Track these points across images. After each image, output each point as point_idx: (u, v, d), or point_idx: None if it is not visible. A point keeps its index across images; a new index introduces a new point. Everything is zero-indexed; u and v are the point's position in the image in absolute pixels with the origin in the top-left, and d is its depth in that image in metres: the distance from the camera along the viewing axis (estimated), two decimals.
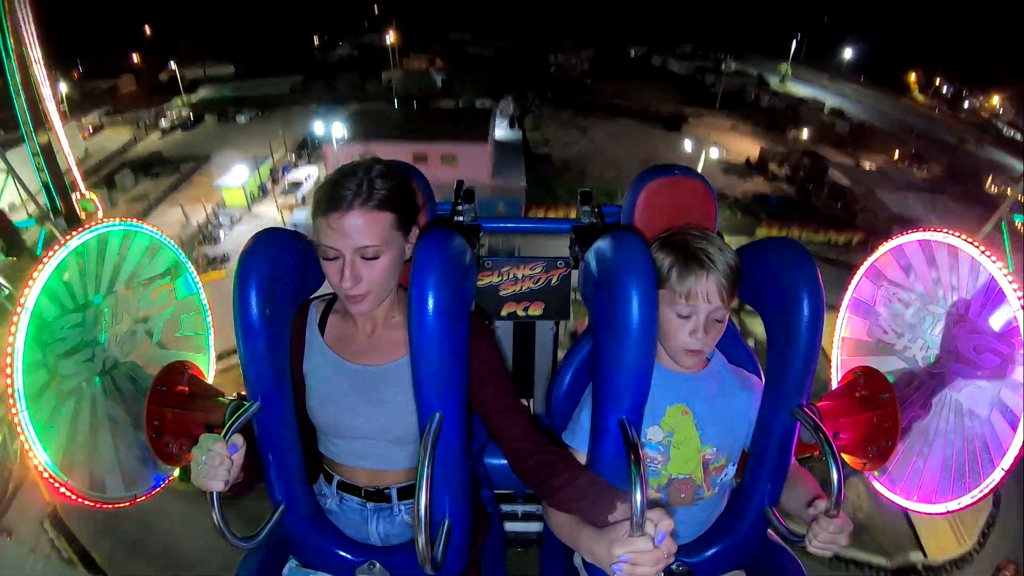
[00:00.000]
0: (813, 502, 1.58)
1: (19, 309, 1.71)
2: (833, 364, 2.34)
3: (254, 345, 1.56)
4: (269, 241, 1.62)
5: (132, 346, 2.02)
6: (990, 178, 33.42)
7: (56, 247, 1.80)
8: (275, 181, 30.38)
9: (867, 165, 34.60)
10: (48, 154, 15.74)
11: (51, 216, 15.05)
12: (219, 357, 2.39)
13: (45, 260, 1.77)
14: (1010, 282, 1.81)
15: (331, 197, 1.52)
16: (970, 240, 1.89)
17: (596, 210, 2.30)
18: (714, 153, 31.93)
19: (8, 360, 1.70)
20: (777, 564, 1.83)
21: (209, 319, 2.29)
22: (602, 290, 1.57)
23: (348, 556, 1.75)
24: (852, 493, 11.94)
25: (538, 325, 2.44)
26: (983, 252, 1.86)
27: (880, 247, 2.17)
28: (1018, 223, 13.67)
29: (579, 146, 37.98)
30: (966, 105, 48.97)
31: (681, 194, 1.95)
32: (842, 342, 2.32)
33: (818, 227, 26.05)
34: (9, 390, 1.69)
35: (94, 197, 16.58)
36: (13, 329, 1.70)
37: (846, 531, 1.50)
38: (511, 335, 2.45)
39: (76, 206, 15.79)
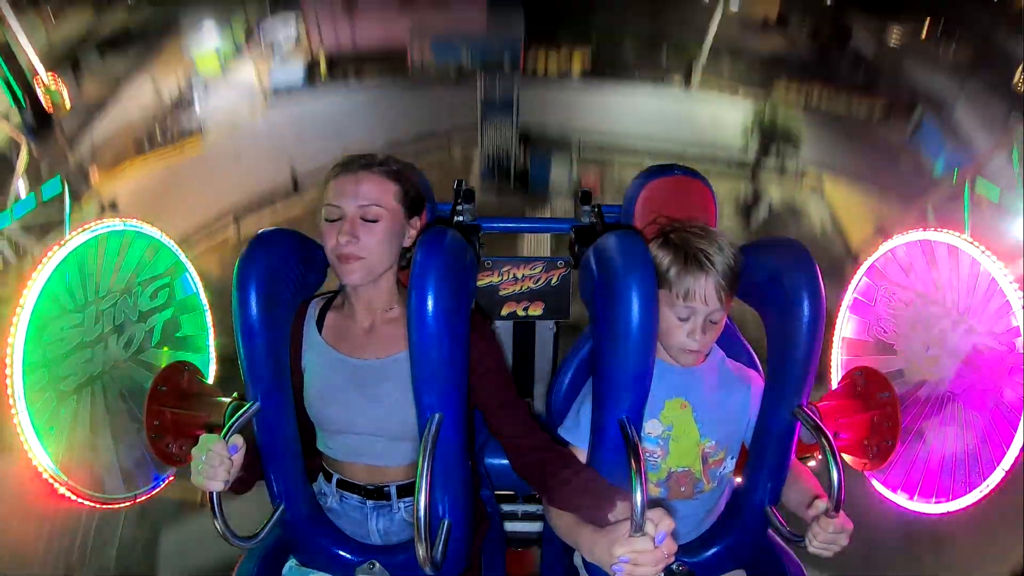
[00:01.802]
0: (813, 502, 1.58)
1: (19, 309, 1.71)
2: (833, 364, 2.33)
3: (254, 345, 1.57)
4: (269, 241, 1.63)
5: (132, 346, 2.02)
6: (1020, 70, 32.11)
7: (56, 246, 1.80)
8: (250, 38, 27.44)
9: (893, 39, 32.99)
10: (4, 47, 14.83)
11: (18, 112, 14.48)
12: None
13: (45, 260, 1.77)
14: (1010, 282, 1.81)
15: (343, 163, 1.64)
16: (970, 240, 1.89)
17: (596, 210, 2.31)
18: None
19: (8, 360, 1.70)
20: (777, 564, 1.83)
21: (209, 319, 2.29)
22: (602, 290, 1.57)
23: (348, 556, 1.75)
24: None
25: (538, 325, 2.44)
26: (983, 252, 1.86)
27: (880, 247, 2.16)
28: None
29: None
30: None
31: (681, 194, 1.95)
32: (842, 342, 2.32)
33: (840, 91, 24.61)
34: (9, 390, 1.69)
35: (57, 79, 15.93)
36: (13, 329, 1.70)
37: (846, 531, 1.50)
38: (511, 335, 2.46)
39: (41, 98, 15.19)
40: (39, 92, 15.35)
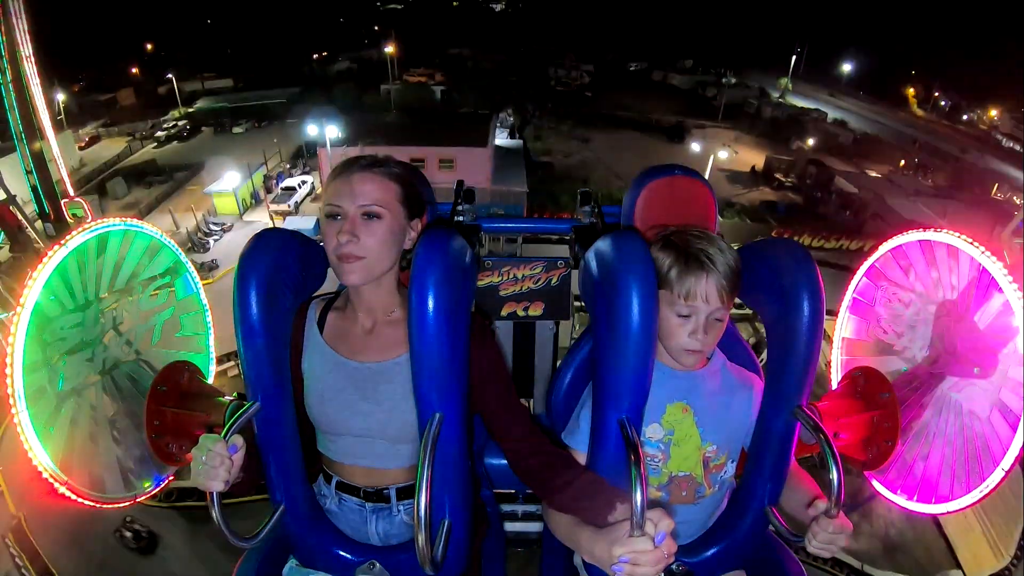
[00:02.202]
0: (813, 502, 1.57)
1: (19, 309, 1.71)
2: (833, 364, 2.34)
3: (254, 345, 1.57)
4: (269, 241, 1.62)
5: (132, 346, 2.02)
6: (995, 186, 33.76)
7: (56, 246, 1.80)
8: (268, 190, 29.86)
9: (872, 173, 34.73)
10: (39, 161, 16.03)
11: (40, 220, 15.19)
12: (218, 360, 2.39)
13: (46, 259, 1.77)
14: (1010, 282, 1.81)
15: (345, 163, 1.64)
16: (970, 240, 1.89)
17: (596, 210, 2.31)
18: (723, 155, 31.32)
19: (8, 360, 1.69)
20: (777, 564, 1.83)
21: (209, 319, 2.29)
22: (602, 290, 1.57)
23: (348, 556, 1.74)
24: (882, 508, 11.68)
25: (538, 325, 2.44)
26: (983, 252, 1.87)
27: (880, 247, 2.17)
28: None
29: (581, 155, 38.10)
30: (964, 118, 49.47)
31: (681, 194, 1.96)
32: (842, 342, 2.32)
33: (830, 234, 25.95)
34: (9, 390, 1.69)
35: (83, 202, 16.64)
36: (13, 329, 1.70)
37: (845, 531, 1.50)
38: (511, 335, 2.46)
39: (65, 212, 15.91)
40: (63, 207, 16.24)
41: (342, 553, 1.75)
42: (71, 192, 17.01)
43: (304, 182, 30.67)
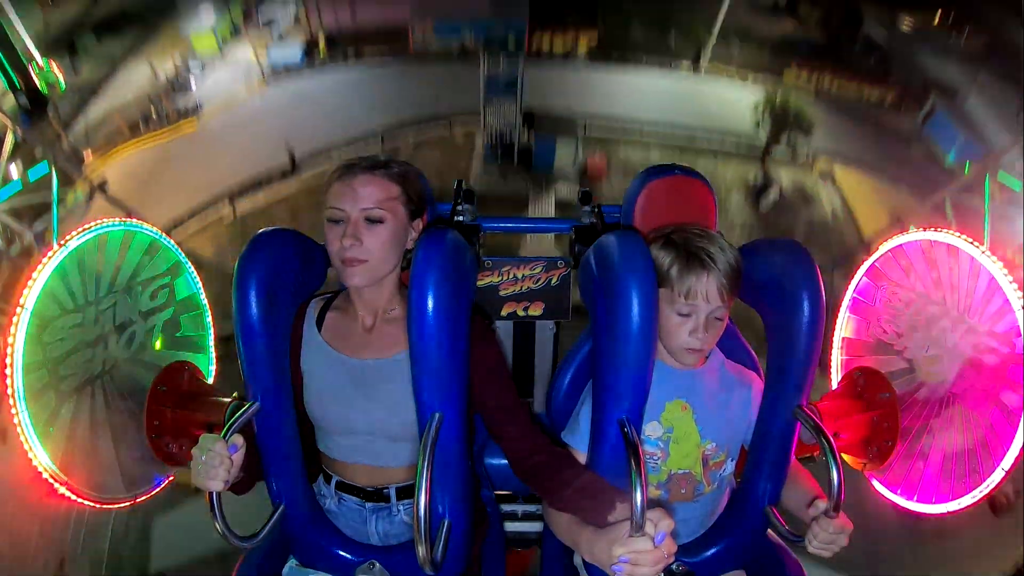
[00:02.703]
0: (813, 502, 1.58)
1: (19, 309, 1.71)
2: (833, 364, 2.33)
3: (254, 345, 1.57)
4: (269, 241, 1.63)
5: (132, 346, 2.03)
6: None
7: (57, 246, 1.80)
8: (248, 18, 26.18)
9: (905, 25, 32.58)
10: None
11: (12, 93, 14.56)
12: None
13: (45, 260, 1.77)
14: (1010, 282, 1.81)
15: (346, 165, 1.63)
16: (970, 240, 1.89)
17: (596, 210, 2.30)
18: None
19: (8, 360, 1.70)
20: (777, 564, 1.83)
21: (209, 319, 2.29)
22: (602, 290, 1.57)
23: (348, 556, 1.75)
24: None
25: (538, 325, 2.44)
26: (983, 252, 1.86)
27: (880, 247, 2.17)
28: None
29: None
30: None
31: (681, 194, 1.95)
32: (842, 342, 2.32)
33: (852, 77, 24.35)
34: (9, 390, 1.69)
35: (53, 67, 16.05)
36: (13, 329, 1.70)
37: (846, 531, 1.50)
38: (511, 335, 2.46)
39: (35, 80, 15.29)
40: (34, 76, 15.42)
41: (342, 553, 1.75)
42: (37, 56, 16.13)
43: (286, 15, 27.91)
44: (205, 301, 2.28)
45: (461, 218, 2.31)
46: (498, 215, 2.43)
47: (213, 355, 2.31)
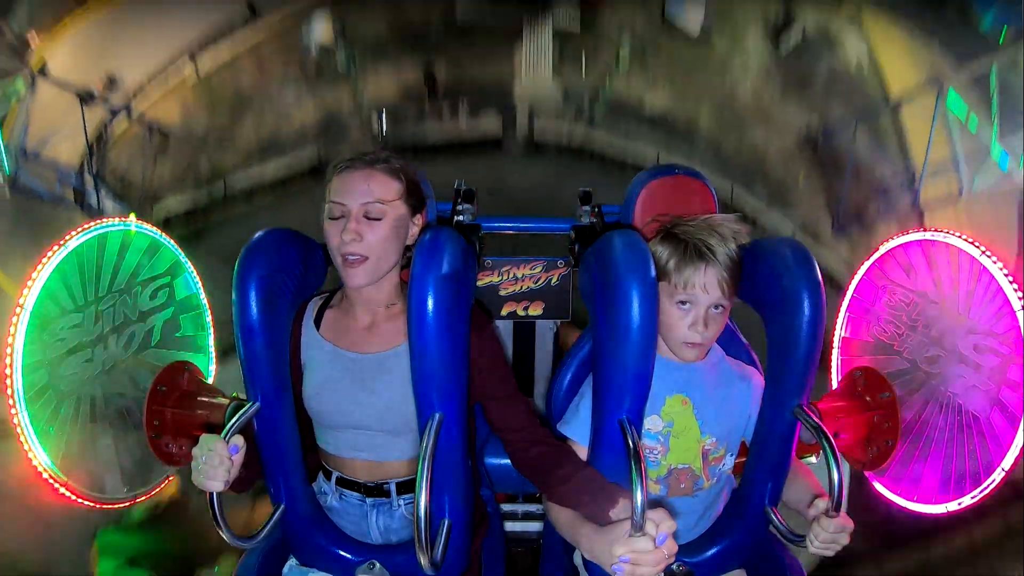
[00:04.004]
0: (814, 502, 1.58)
1: (19, 309, 1.71)
2: (833, 364, 2.34)
3: (254, 345, 1.57)
4: (269, 241, 1.63)
5: (132, 346, 2.03)
6: None
7: (56, 247, 1.80)
8: None
9: None
10: None
11: None
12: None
13: (45, 260, 1.77)
14: (1010, 282, 1.81)
15: (346, 160, 1.62)
16: (970, 240, 1.89)
17: (596, 210, 2.31)
18: None
19: (8, 360, 1.70)
20: (777, 564, 1.83)
21: (209, 319, 2.29)
22: (602, 290, 1.57)
23: (348, 555, 1.75)
24: None
25: (538, 325, 2.44)
26: (983, 252, 1.86)
27: (880, 247, 2.17)
28: None
29: None
30: None
31: (681, 194, 1.95)
32: (842, 342, 2.32)
33: None
34: (9, 390, 1.69)
35: None
36: (12, 329, 1.70)
37: (847, 531, 1.50)
38: (511, 335, 2.46)
39: None
40: None
41: (342, 553, 1.75)
42: None
43: None
44: (205, 301, 2.28)
45: (461, 218, 2.31)
46: (488, 47, 2.40)
47: (213, 355, 2.31)
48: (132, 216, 2.03)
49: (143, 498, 2.02)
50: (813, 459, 2.09)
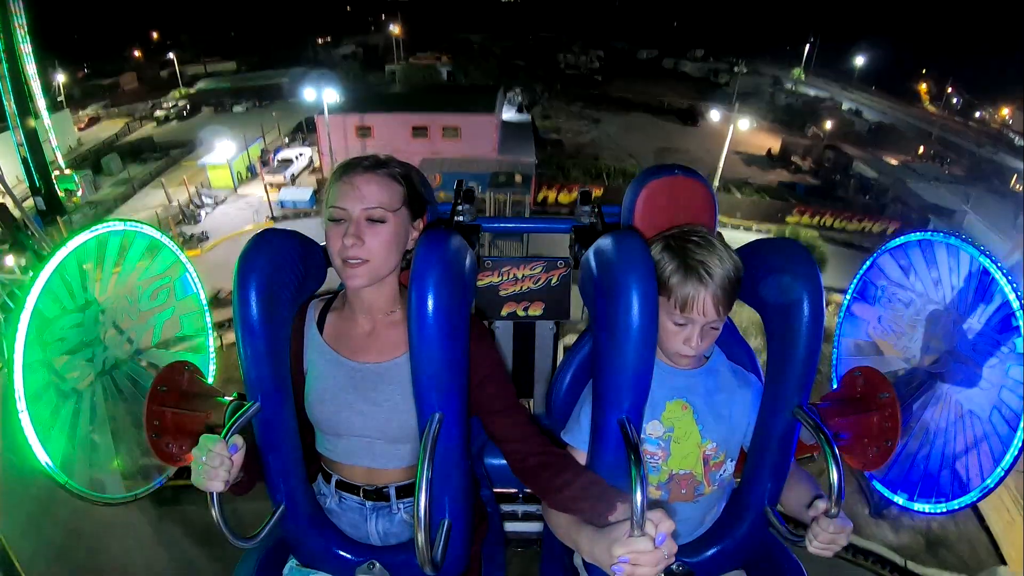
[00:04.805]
0: (813, 502, 1.58)
1: (19, 309, 1.71)
2: (833, 364, 2.33)
3: (254, 346, 1.57)
4: (269, 241, 1.62)
5: (132, 346, 2.03)
6: (1015, 177, 33.68)
7: (57, 247, 1.80)
8: (265, 163, 29.00)
9: (892, 161, 34.46)
10: (32, 137, 16.80)
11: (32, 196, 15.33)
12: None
13: (46, 260, 1.77)
14: (1010, 282, 1.81)
15: (347, 164, 1.62)
16: (969, 240, 1.89)
17: (596, 210, 2.30)
18: (743, 124, 29.44)
19: (8, 360, 1.70)
20: (777, 564, 1.83)
21: (208, 319, 2.30)
22: (602, 290, 1.57)
23: (348, 556, 1.76)
24: None
25: (538, 325, 2.44)
26: (983, 252, 1.86)
27: (880, 247, 2.17)
28: None
29: (591, 135, 37.67)
30: (977, 115, 49.90)
31: (681, 194, 1.94)
32: (842, 342, 2.32)
33: (852, 215, 25.57)
34: (9, 390, 1.70)
35: (75, 175, 16.84)
36: (13, 329, 1.71)
37: (846, 531, 1.51)
38: (511, 335, 2.46)
39: (56, 186, 16.08)
40: (54, 181, 16.90)
41: (342, 553, 1.76)
42: (62, 163, 17.27)
43: (301, 154, 30.03)
44: (205, 301, 2.28)
45: (461, 218, 2.31)
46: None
47: (213, 355, 2.32)
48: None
49: (143, 497, 2.02)
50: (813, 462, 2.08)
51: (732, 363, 1.86)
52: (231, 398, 1.93)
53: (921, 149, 38.73)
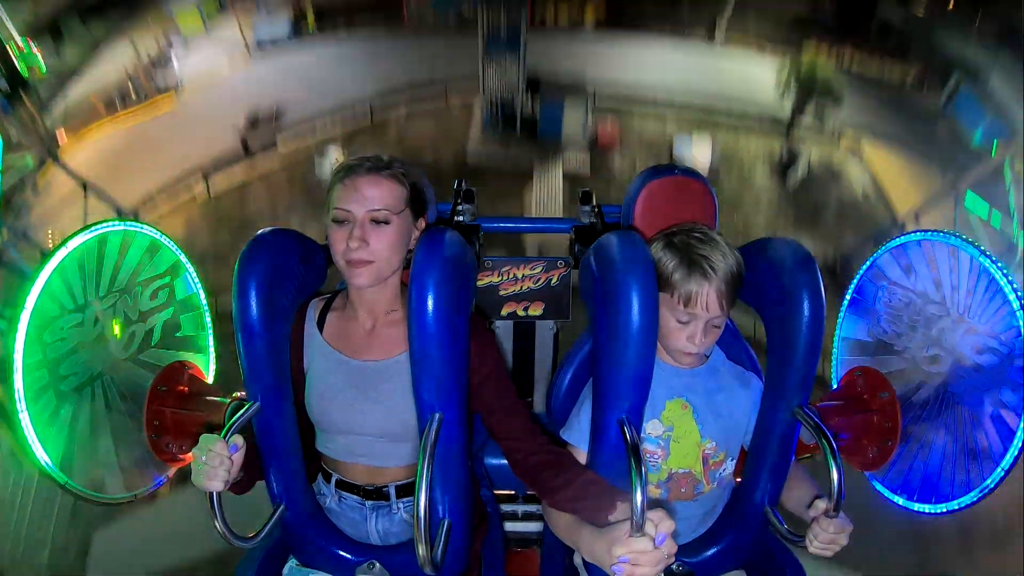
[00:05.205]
0: (813, 502, 1.58)
1: (19, 309, 1.71)
2: (833, 364, 2.33)
3: (254, 345, 1.57)
4: (269, 241, 1.63)
5: (132, 346, 2.02)
6: None
7: (57, 247, 1.80)
8: None
9: (919, 12, 32.23)
10: None
11: None
12: None
13: (46, 260, 1.77)
14: (1010, 282, 1.81)
15: (350, 165, 1.61)
16: (970, 240, 1.89)
17: (596, 210, 2.30)
18: None
19: (8, 360, 1.70)
20: (777, 564, 1.83)
21: (208, 319, 2.29)
22: (602, 290, 1.57)
23: (348, 556, 1.75)
24: None
25: (538, 325, 2.44)
26: (983, 252, 1.86)
27: (880, 247, 2.17)
28: None
29: None
30: None
31: (681, 194, 1.95)
32: (842, 342, 2.32)
33: (871, 53, 23.29)
34: (9, 390, 1.69)
35: (34, 49, 15.99)
36: (13, 329, 1.70)
37: (846, 531, 1.51)
38: (511, 335, 2.46)
39: (16, 63, 15.25)
40: (13, 58, 15.37)
41: (342, 553, 1.75)
42: (16, 37, 15.99)
43: None
44: (204, 301, 2.28)
45: (461, 218, 2.31)
46: (498, 188, 2.43)
47: (213, 355, 2.31)
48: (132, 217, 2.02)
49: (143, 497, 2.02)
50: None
51: (732, 363, 1.86)
52: (231, 398, 1.93)
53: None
